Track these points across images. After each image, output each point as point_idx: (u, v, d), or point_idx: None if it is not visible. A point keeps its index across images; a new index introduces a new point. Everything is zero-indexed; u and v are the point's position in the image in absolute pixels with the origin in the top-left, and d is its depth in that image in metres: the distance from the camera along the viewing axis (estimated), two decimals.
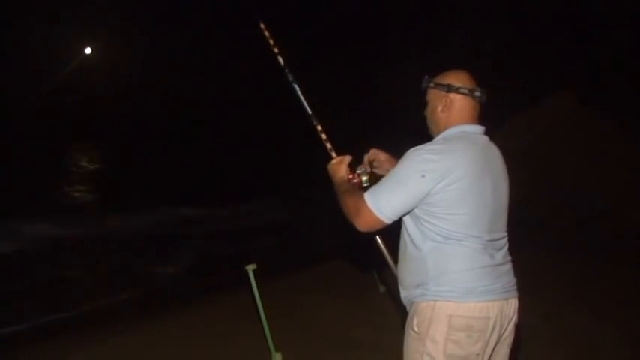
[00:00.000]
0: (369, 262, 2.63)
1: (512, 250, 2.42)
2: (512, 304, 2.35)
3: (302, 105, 2.78)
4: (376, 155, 2.68)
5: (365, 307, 5.40)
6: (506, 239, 2.38)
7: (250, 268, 3.86)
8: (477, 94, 2.37)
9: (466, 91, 2.36)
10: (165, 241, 9.86)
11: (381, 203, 2.23)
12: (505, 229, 2.39)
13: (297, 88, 2.78)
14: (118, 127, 26.52)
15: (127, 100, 30.07)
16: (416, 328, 2.27)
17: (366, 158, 2.69)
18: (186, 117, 27.66)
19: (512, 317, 2.35)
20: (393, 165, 2.51)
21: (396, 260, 2.50)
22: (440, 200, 2.20)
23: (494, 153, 2.41)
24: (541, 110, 12.41)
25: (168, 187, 14.97)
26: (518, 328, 2.42)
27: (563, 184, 10.78)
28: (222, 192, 14.53)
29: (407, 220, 2.33)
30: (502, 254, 2.34)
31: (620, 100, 12.80)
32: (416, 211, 2.27)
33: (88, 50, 32.30)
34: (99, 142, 24.78)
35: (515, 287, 2.37)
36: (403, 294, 2.41)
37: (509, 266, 2.37)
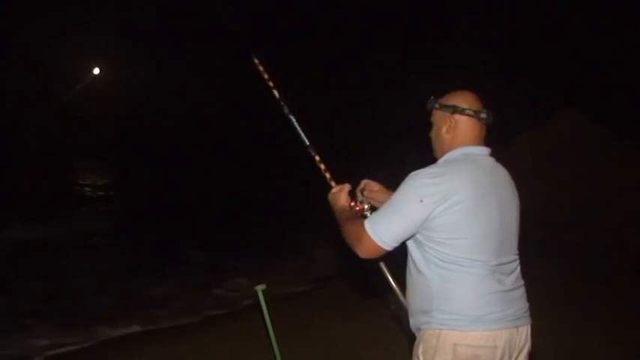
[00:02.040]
0: (379, 282, 2.61)
1: (522, 269, 2.35)
2: (524, 332, 2.28)
3: (299, 136, 2.78)
4: (368, 185, 2.66)
5: (374, 327, 5.38)
6: (517, 263, 2.32)
7: (260, 288, 3.83)
8: (483, 115, 2.34)
9: (471, 113, 2.32)
10: (174, 260, 9.87)
11: (380, 230, 2.20)
12: (516, 252, 2.32)
13: (294, 120, 2.78)
14: (125, 148, 26.69)
15: (134, 120, 30.33)
16: (421, 356, 2.23)
17: (358, 189, 2.67)
18: (193, 139, 27.81)
19: (523, 346, 2.28)
20: (387, 195, 2.50)
21: (401, 286, 2.48)
22: (440, 224, 2.15)
23: (502, 174, 2.36)
24: (550, 128, 12.39)
25: (172, 205, 15.01)
26: (533, 354, 2.36)
27: (571, 201, 10.73)
28: (228, 210, 14.56)
29: (410, 245, 2.29)
30: (512, 279, 2.27)
31: (630, 118, 12.80)
32: (418, 236, 2.23)
33: (96, 70, 32.64)
34: (105, 162, 24.90)
35: (527, 314, 2.30)
36: (411, 321, 2.36)
37: (521, 292, 2.30)
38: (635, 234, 9.52)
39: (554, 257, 8.51)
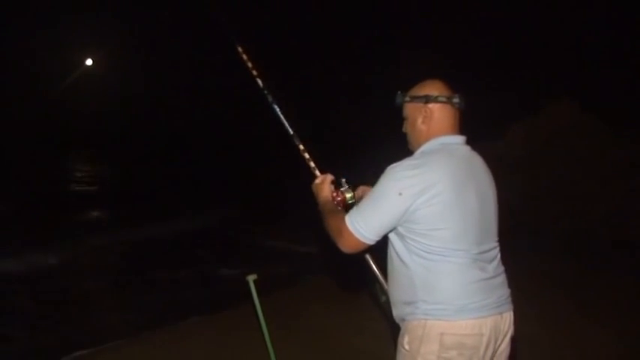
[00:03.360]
0: (364, 272, 2.62)
1: (511, 259, 2.37)
2: (507, 318, 2.29)
3: (283, 125, 2.78)
4: (365, 192, 2.59)
5: (366, 316, 5.39)
6: (497, 250, 2.32)
7: (251, 278, 3.83)
8: (455, 100, 2.33)
9: (444, 99, 2.31)
10: (164, 252, 9.87)
11: (360, 225, 2.20)
12: (496, 239, 2.33)
13: (278, 109, 2.77)
14: (118, 138, 26.63)
15: (127, 111, 30.27)
16: (407, 346, 2.23)
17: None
18: (185, 129, 27.77)
19: (507, 331, 2.30)
20: None
21: (385, 275, 2.47)
22: (421, 216, 2.15)
23: (478, 163, 2.35)
24: (541, 119, 12.42)
25: (167, 198, 15.00)
26: (515, 339, 2.37)
27: (564, 192, 10.78)
28: (220, 202, 14.56)
29: (392, 237, 2.29)
30: (494, 266, 2.27)
31: (620, 109, 12.84)
32: (399, 228, 2.22)
33: (89, 62, 32.48)
34: (98, 153, 24.82)
35: (509, 300, 2.31)
36: (394, 312, 2.36)
37: (502, 278, 2.31)
38: (626, 223, 9.58)
39: (545, 246, 8.56)
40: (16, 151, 21.33)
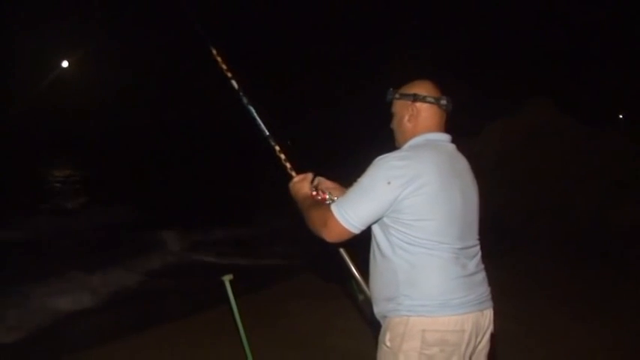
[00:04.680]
0: (341, 271, 2.60)
1: (489, 256, 2.37)
2: (488, 315, 2.31)
3: (259, 126, 2.75)
4: (321, 183, 2.62)
5: (343, 316, 5.38)
6: (478, 248, 2.34)
7: (227, 278, 3.79)
8: (443, 102, 2.38)
9: (432, 100, 2.36)
10: (141, 255, 9.79)
11: (348, 213, 2.20)
12: (477, 237, 2.35)
13: (253, 110, 2.75)
14: (93, 140, 26.45)
15: (102, 113, 30.07)
16: (388, 343, 2.23)
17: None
18: (161, 131, 27.64)
19: (487, 328, 2.31)
20: (342, 191, 2.49)
21: (362, 272, 2.46)
22: (408, 206, 2.16)
23: (462, 161, 2.39)
24: (519, 118, 12.54)
25: (142, 200, 14.91)
26: (495, 336, 2.37)
27: (541, 190, 10.87)
28: (196, 205, 14.51)
29: (376, 230, 2.29)
30: (475, 263, 2.29)
31: (594, 107, 13.04)
32: (385, 219, 2.23)
33: (65, 64, 32.15)
34: (73, 155, 24.61)
35: (489, 297, 2.33)
36: (375, 309, 2.36)
37: (482, 275, 2.32)
38: (601, 220, 9.68)
39: (523, 243, 8.61)
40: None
